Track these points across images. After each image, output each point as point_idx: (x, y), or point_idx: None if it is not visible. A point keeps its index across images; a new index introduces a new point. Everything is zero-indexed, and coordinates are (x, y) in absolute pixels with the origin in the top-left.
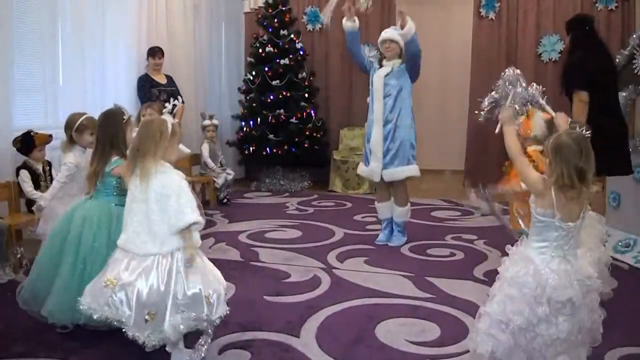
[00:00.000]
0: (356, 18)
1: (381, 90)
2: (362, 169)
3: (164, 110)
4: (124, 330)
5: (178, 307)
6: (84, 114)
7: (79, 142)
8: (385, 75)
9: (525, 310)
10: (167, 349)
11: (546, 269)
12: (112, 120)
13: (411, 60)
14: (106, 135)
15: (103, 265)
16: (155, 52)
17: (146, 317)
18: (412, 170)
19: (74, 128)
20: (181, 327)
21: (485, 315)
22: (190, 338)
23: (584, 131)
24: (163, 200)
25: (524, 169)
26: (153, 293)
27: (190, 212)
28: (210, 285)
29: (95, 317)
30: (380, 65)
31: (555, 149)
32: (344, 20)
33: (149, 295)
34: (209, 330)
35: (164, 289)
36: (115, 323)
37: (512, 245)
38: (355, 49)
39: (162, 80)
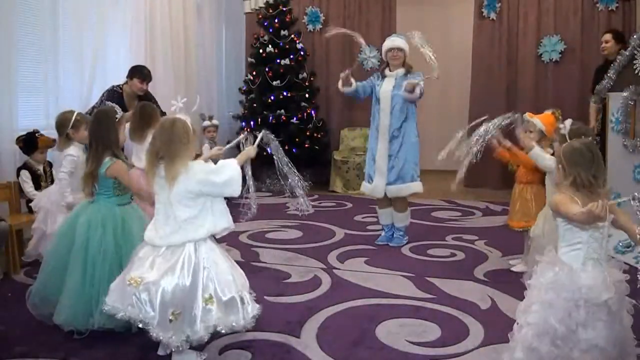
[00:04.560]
0: (353, 81)
1: (388, 105)
2: (365, 187)
3: (173, 108)
4: (147, 330)
5: (210, 307)
6: (73, 111)
7: (76, 139)
8: (392, 90)
9: (565, 317)
10: (158, 352)
11: (580, 270)
12: (104, 120)
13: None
14: (98, 135)
15: (112, 267)
16: (145, 77)
17: (170, 317)
18: (416, 187)
19: (70, 125)
20: (218, 328)
21: (526, 327)
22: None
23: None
24: (206, 186)
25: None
26: (178, 291)
27: (230, 167)
28: (242, 286)
29: (118, 316)
30: (383, 76)
31: (570, 156)
32: (340, 85)
33: (174, 293)
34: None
35: (189, 286)
36: (138, 324)
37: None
38: (359, 95)
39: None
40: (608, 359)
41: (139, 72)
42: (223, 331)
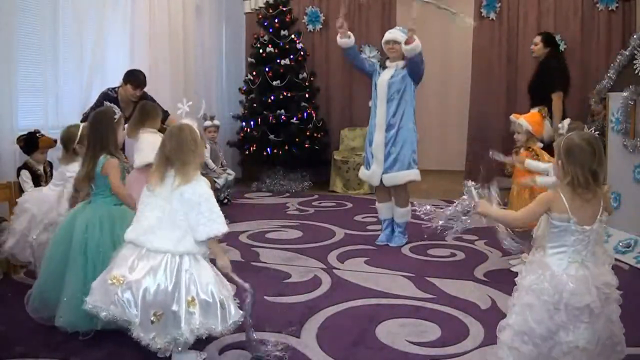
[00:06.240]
0: (350, 34)
1: (385, 94)
2: (362, 173)
3: (179, 112)
4: (129, 329)
5: (192, 310)
6: (79, 125)
7: (82, 154)
8: (389, 79)
9: (545, 318)
10: (158, 355)
11: (563, 274)
12: (103, 120)
13: (414, 69)
14: (97, 135)
15: None
16: (140, 83)
17: (152, 318)
18: (413, 174)
19: (77, 140)
20: (197, 330)
21: (507, 328)
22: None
23: (592, 131)
24: (192, 207)
25: (532, 209)
26: (160, 292)
27: (221, 222)
28: (223, 291)
29: (102, 316)
30: (383, 67)
31: (568, 151)
32: (338, 38)
33: (156, 294)
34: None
35: (171, 289)
36: (122, 323)
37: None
38: (356, 60)
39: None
40: (591, 356)
41: (134, 79)
42: (203, 336)
